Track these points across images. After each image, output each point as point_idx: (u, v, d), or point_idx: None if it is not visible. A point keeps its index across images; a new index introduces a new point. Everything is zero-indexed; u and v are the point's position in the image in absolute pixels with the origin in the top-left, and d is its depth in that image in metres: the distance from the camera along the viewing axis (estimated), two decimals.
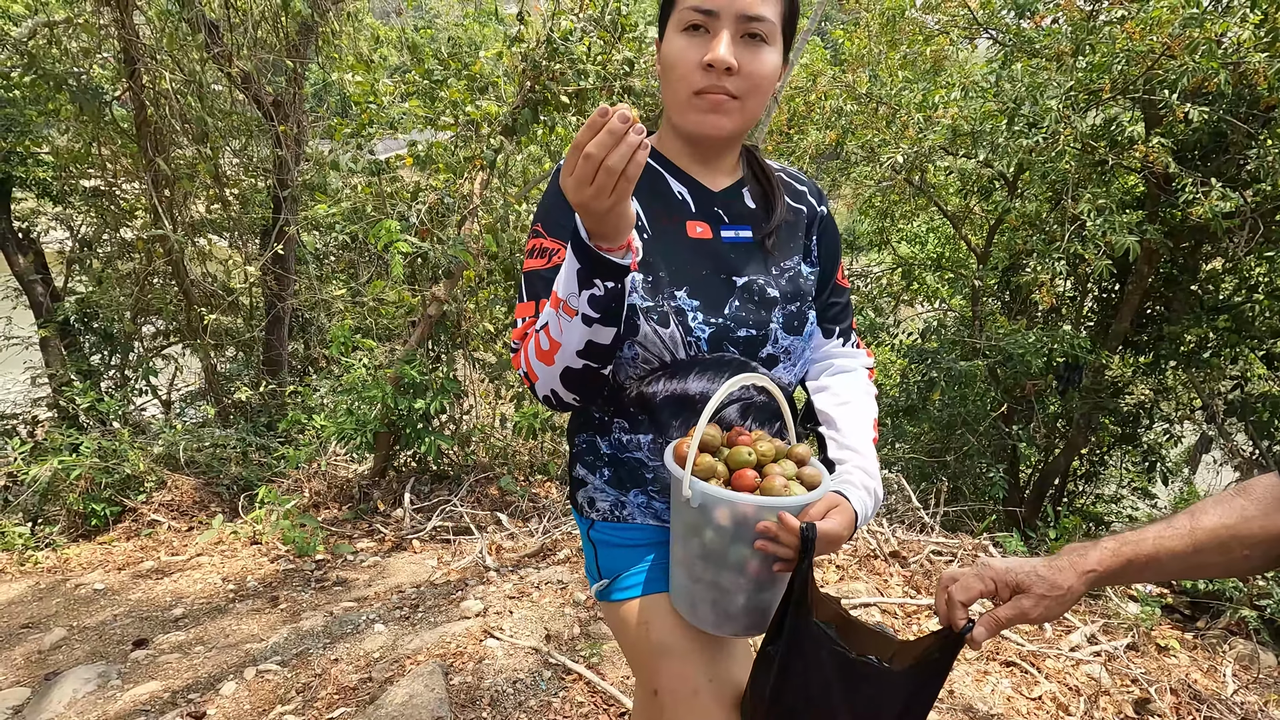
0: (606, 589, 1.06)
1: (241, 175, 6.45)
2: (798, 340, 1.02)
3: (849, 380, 1.08)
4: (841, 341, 1.11)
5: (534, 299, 0.99)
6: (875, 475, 0.98)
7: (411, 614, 2.52)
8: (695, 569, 0.91)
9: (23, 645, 2.74)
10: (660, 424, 1.00)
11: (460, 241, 3.83)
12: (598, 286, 0.83)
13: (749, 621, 0.93)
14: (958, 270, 6.37)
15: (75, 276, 7.02)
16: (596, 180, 0.74)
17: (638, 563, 1.03)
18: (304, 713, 1.96)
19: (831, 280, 1.09)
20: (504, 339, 4.71)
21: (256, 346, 6.60)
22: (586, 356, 0.89)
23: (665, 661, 0.98)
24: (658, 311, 0.95)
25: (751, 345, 0.99)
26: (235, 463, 4.81)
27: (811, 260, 1.07)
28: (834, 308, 1.10)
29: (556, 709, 1.89)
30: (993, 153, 4.60)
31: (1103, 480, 6.67)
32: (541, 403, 0.98)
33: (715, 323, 0.97)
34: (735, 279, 0.99)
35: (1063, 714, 2.02)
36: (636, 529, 1.04)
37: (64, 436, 4.55)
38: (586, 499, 1.08)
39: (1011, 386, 5.52)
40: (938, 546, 3.01)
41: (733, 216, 1.03)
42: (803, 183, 1.11)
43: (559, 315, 0.87)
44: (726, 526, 0.86)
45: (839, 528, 0.86)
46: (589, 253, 0.81)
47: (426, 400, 3.88)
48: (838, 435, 1.03)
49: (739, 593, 0.90)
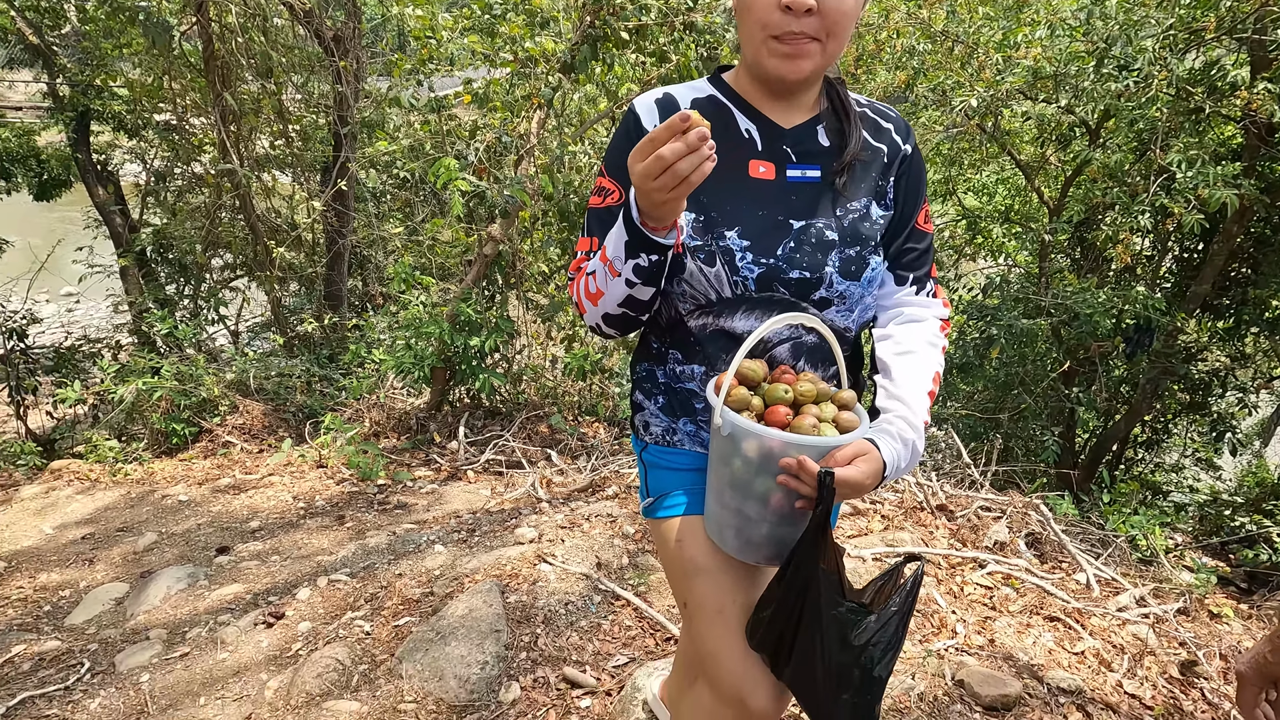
0: (652, 506, 1.12)
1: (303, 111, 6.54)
2: (854, 286, 1.01)
3: (914, 330, 1.06)
4: (915, 290, 1.08)
5: (590, 235, 1.06)
6: (918, 429, 0.97)
7: (468, 537, 2.66)
8: (724, 496, 0.96)
9: (120, 546, 3.01)
10: (709, 357, 1.03)
11: (517, 181, 3.84)
12: (642, 258, 0.90)
13: (771, 552, 0.97)
14: (1026, 224, 6.08)
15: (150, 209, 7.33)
16: (662, 179, 0.79)
17: (682, 485, 1.09)
18: (372, 619, 2.11)
19: (910, 224, 1.06)
20: (557, 281, 4.76)
21: (318, 282, 6.82)
22: (626, 307, 0.98)
23: (696, 579, 1.04)
24: (705, 251, 0.97)
25: (804, 287, 0.99)
26: (300, 391, 5.05)
27: (886, 202, 1.04)
28: (910, 253, 1.07)
29: (605, 630, 1.99)
30: (1076, 97, 4.32)
31: (1165, 449, 6.42)
32: (590, 331, 1.05)
33: (765, 263, 0.97)
34: (793, 221, 0.99)
35: (1105, 669, 2.03)
36: (684, 454, 1.09)
37: (145, 360, 4.85)
38: (642, 423, 1.13)
39: (1075, 347, 5.32)
40: (986, 503, 2.99)
41: (801, 155, 1.01)
42: (888, 118, 1.07)
43: (605, 271, 0.95)
44: (753, 458, 0.89)
45: (861, 476, 0.87)
46: (635, 230, 0.87)
47: (482, 338, 3.98)
48: (889, 384, 1.03)
49: (761, 523, 0.94)
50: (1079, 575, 2.61)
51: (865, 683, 0.91)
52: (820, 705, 0.94)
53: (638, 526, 2.56)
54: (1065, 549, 2.77)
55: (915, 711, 1.72)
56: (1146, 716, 1.83)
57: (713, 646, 1.00)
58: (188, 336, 5.23)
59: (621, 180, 1.01)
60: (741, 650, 0.98)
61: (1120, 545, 3.17)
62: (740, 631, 0.99)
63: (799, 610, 0.90)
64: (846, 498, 0.88)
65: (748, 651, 0.98)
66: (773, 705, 0.97)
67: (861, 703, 0.93)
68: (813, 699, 0.94)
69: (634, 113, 1.02)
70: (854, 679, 0.91)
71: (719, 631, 0.99)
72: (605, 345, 4.72)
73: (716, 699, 1.01)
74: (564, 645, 1.92)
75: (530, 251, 4.51)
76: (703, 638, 1.01)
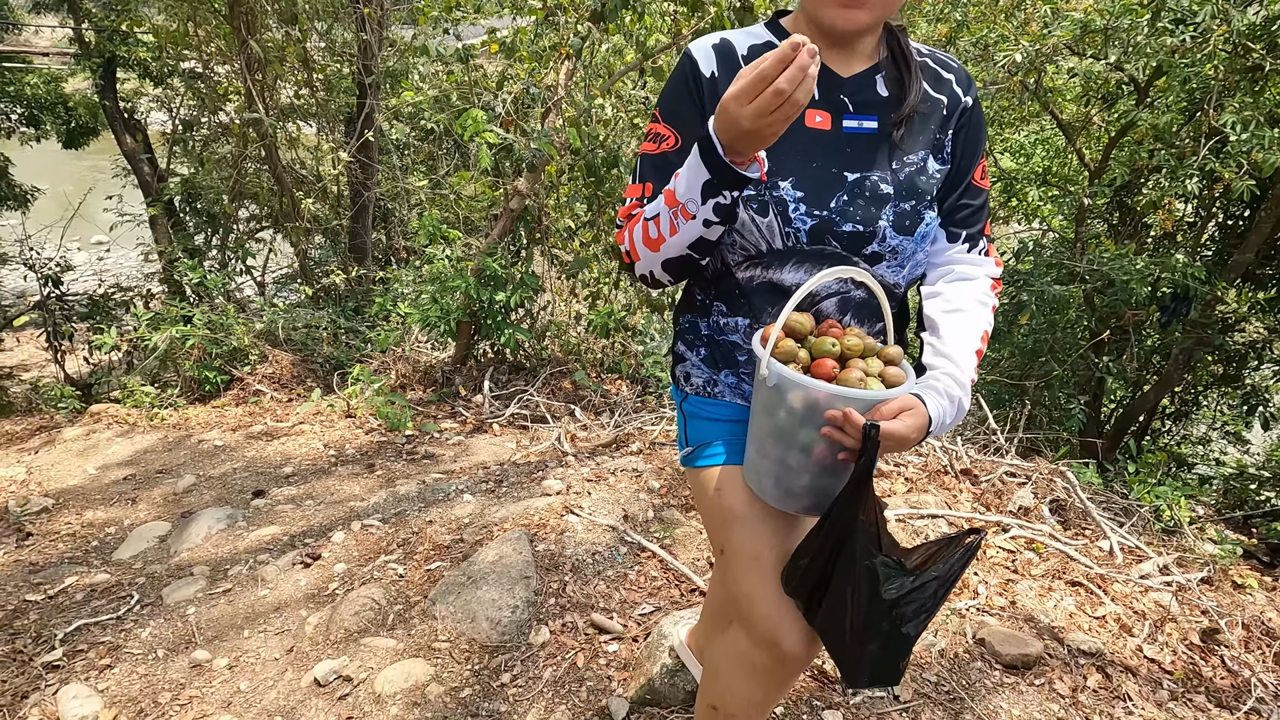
0: (692, 455, 1.13)
1: (327, 60, 6.47)
2: (907, 241, 0.99)
3: (965, 288, 1.05)
4: (968, 247, 1.06)
5: (643, 181, 1.04)
6: (965, 386, 0.97)
7: (496, 488, 2.71)
8: (765, 446, 0.97)
9: (160, 487, 3.11)
10: (755, 310, 1.03)
11: (544, 135, 3.79)
12: (724, 196, 0.88)
13: (810, 502, 0.98)
14: (1064, 186, 5.89)
15: (177, 158, 7.36)
16: (780, 111, 0.77)
17: (721, 436, 1.10)
18: (405, 563, 2.18)
19: (966, 180, 1.03)
20: (581, 237, 4.73)
21: (342, 235, 6.85)
22: (693, 250, 0.96)
23: (734, 526, 1.05)
24: (758, 200, 0.96)
25: (856, 241, 0.98)
26: (327, 343, 5.13)
27: (943, 156, 1.02)
28: (964, 210, 1.05)
29: (632, 580, 2.03)
30: (1126, 53, 4.13)
31: (1192, 421, 6.33)
32: (637, 279, 1.04)
33: (818, 215, 0.96)
34: (847, 173, 0.97)
35: (1125, 634, 2.04)
36: (724, 406, 1.10)
37: (177, 308, 4.93)
38: (683, 373, 1.14)
39: (1108, 315, 5.20)
40: (1011, 469, 2.98)
41: (858, 105, 0.99)
42: (950, 69, 1.03)
43: (674, 215, 0.93)
44: (798, 409, 0.89)
45: (906, 430, 0.87)
46: (723, 168, 0.85)
47: (507, 294, 3.99)
48: (937, 341, 1.02)
49: (803, 473, 0.95)
50: (1102, 542, 2.61)
51: (892, 637, 0.92)
52: (846, 653, 0.96)
53: (663, 482, 2.59)
54: (1089, 516, 2.77)
55: (936, 667, 1.76)
56: (1166, 680, 1.85)
57: (748, 591, 1.02)
58: (217, 286, 5.30)
59: (678, 125, 1.00)
60: (776, 595, 1.00)
61: (1144, 515, 3.16)
62: (775, 578, 1.01)
63: (834, 558, 0.92)
64: (890, 451, 0.88)
65: (782, 596, 1.00)
66: (804, 649, 1.00)
67: (886, 656, 0.94)
68: (840, 646, 0.96)
69: (690, 58, 1.00)
70: (882, 632, 0.92)
71: (755, 577, 1.01)
72: (629, 303, 4.71)
73: (750, 641, 1.03)
74: (591, 593, 1.98)
75: (556, 207, 4.48)
76: (738, 582, 1.03)
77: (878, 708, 1.62)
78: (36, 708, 1.67)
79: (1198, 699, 1.81)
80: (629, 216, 1.03)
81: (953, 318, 1.02)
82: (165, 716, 1.65)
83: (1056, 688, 1.74)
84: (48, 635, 1.96)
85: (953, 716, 1.62)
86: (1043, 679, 1.76)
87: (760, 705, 1.09)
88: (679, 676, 1.62)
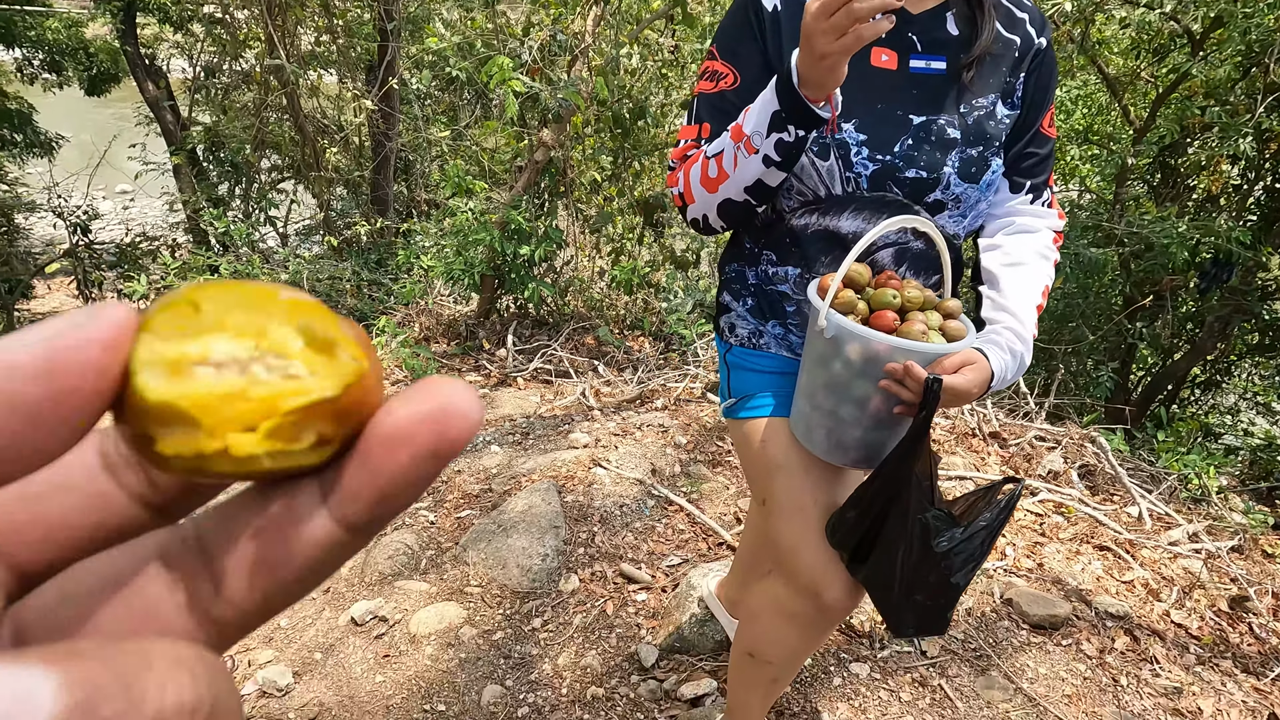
0: (734, 406, 1.12)
1: (348, 4, 6.33)
2: (972, 189, 0.96)
3: (1026, 241, 1.01)
4: (1031, 198, 1.02)
5: (699, 122, 1.00)
6: (1027, 341, 0.95)
7: (523, 440, 2.74)
8: (817, 397, 0.95)
9: None
10: (808, 259, 1.00)
11: (571, 84, 3.70)
12: (789, 133, 0.85)
13: (860, 455, 0.97)
14: (1106, 144, 5.67)
15: (199, 106, 7.31)
16: (853, 31, 0.74)
17: (766, 388, 1.08)
18: (436, 510, 2.22)
19: (1035, 127, 0.99)
20: (606, 191, 4.65)
21: (364, 186, 6.80)
22: (751, 193, 0.92)
23: (778, 477, 1.04)
24: (818, 143, 0.92)
25: (919, 188, 0.94)
26: (350, 295, 5.15)
27: (1013, 101, 0.97)
28: (1031, 158, 1.00)
29: (659, 533, 2.05)
30: (1182, 2, 3.91)
31: (1223, 391, 6.21)
32: (688, 224, 1.02)
33: (881, 160, 0.92)
34: (913, 116, 0.93)
35: (1153, 599, 2.04)
36: (769, 357, 1.08)
37: (203, 258, 4.96)
38: (728, 324, 1.12)
39: (1143, 280, 5.07)
40: (1041, 433, 2.95)
41: (927, 44, 0.94)
42: (1023, 8, 0.98)
43: (738, 149, 0.89)
44: (855, 361, 0.87)
45: (968, 384, 0.85)
46: (794, 98, 0.82)
47: (531, 247, 3.95)
48: (996, 295, 0.99)
49: (855, 426, 0.93)
50: (1131, 508, 2.58)
51: (941, 588, 0.93)
52: (892, 603, 0.96)
53: (689, 437, 2.59)
54: (1119, 482, 2.74)
55: (963, 625, 1.77)
56: (1193, 645, 1.85)
57: (792, 541, 1.02)
58: (242, 235, 5.32)
59: (737, 63, 0.96)
60: (820, 545, 1.00)
61: (1171, 483, 3.12)
62: (819, 528, 1.00)
63: (886, 511, 0.91)
64: (950, 405, 0.87)
65: (826, 547, 0.99)
66: (846, 599, 1.00)
67: (934, 605, 0.95)
68: (886, 597, 0.96)
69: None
70: (929, 583, 0.92)
71: (799, 528, 1.01)
72: (653, 259, 4.66)
73: (791, 590, 1.04)
74: (619, 544, 2.00)
75: (581, 159, 4.40)
76: (781, 533, 1.03)
77: (905, 662, 1.64)
78: None
79: (1224, 664, 1.81)
80: (683, 158, 1.00)
81: (1013, 271, 0.99)
82: None
83: (1084, 648, 1.74)
84: None
85: (979, 672, 1.63)
86: (1070, 639, 1.76)
87: (797, 653, 1.10)
88: (708, 626, 1.65)
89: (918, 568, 0.90)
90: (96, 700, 0.11)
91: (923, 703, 1.53)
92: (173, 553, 0.16)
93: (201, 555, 0.16)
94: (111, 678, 0.11)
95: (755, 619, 1.15)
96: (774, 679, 1.17)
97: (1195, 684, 1.70)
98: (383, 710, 1.53)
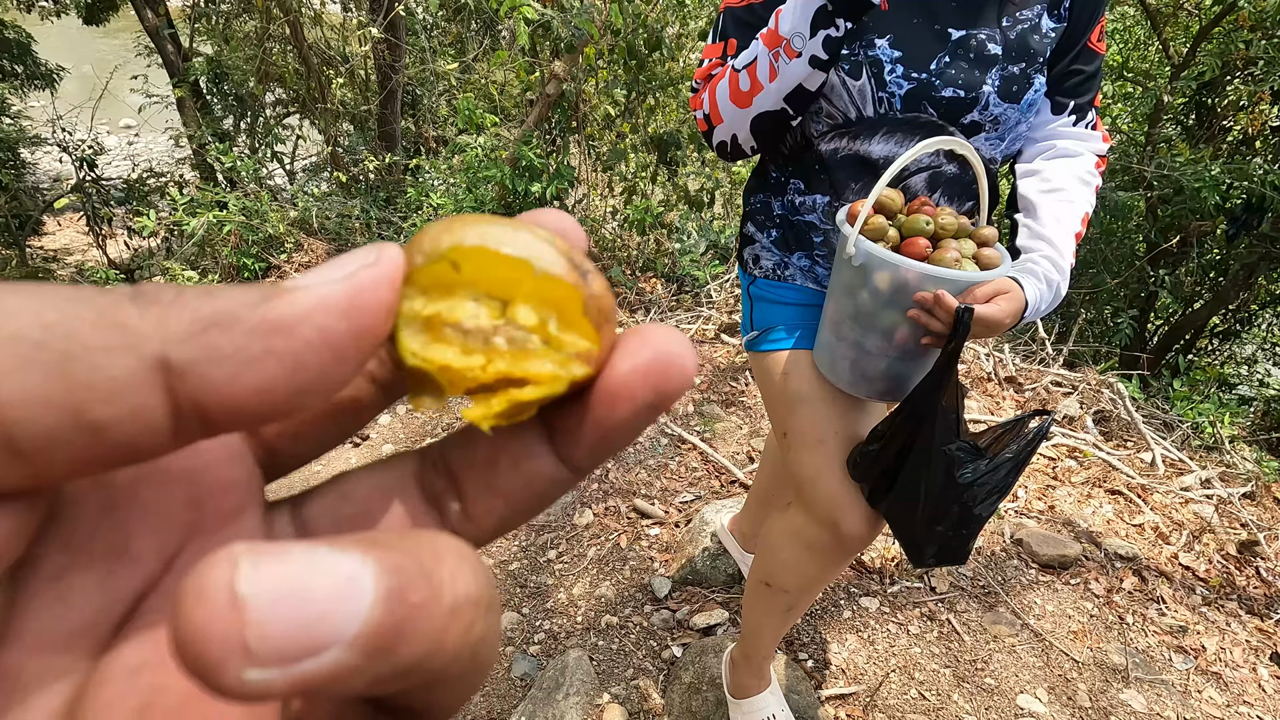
0: (757, 339, 1.10)
1: None
2: (1012, 109, 0.90)
3: (1066, 166, 0.96)
4: (1074, 120, 0.96)
5: (724, 39, 0.96)
6: (1064, 271, 0.91)
7: None
8: (843, 328, 0.92)
9: None
10: (837, 185, 0.96)
11: (584, 11, 3.54)
12: (837, 27, 0.80)
13: (884, 387, 0.95)
14: (1143, 82, 5.43)
15: (200, 36, 7.09)
16: None
17: (789, 320, 1.06)
18: None
19: (1082, 42, 0.92)
20: (618, 127, 4.52)
21: (371, 121, 6.65)
22: (789, 101, 0.87)
23: (799, 408, 1.03)
24: (850, 60, 0.87)
25: (955, 108, 0.89)
26: (360, 233, 5.09)
27: (1060, 13, 0.90)
28: (1075, 76, 0.94)
29: (672, 470, 2.07)
30: None
31: (1242, 341, 6.12)
32: (714, 148, 0.98)
33: (917, 78, 0.87)
34: (951, 30, 0.87)
35: (1162, 542, 2.05)
36: (794, 289, 1.06)
37: (211, 193, 4.91)
38: (752, 256, 1.09)
39: (1170, 226, 4.93)
40: (1058, 378, 2.92)
41: None
42: None
43: (775, 56, 0.84)
44: (883, 290, 0.84)
45: (1001, 315, 0.82)
46: None
47: (543, 185, 3.87)
48: (1033, 223, 0.95)
49: (881, 357, 0.91)
50: (1145, 454, 2.58)
51: (963, 519, 0.93)
52: (914, 534, 0.96)
53: (703, 378, 2.59)
54: (1133, 428, 2.72)
55: (973, 563, 1.79)
56: (1200, 587, 1.87)
57: (811, 473, 1.01)
58: (248, 171, 5.24)
59: None
60: (840, 476, 0.99)
61: (1184, 430, 3.11)
62: (840, 460, 1.00)
63: (910, 443, 0.90)
64: (982, 336, 0.84)
65: (846, 478, 0.99)
66: (865, 530, 1.00)
67: (956, 535, 0.95)
68: (908, 528, 0.96)
69: None
70: (952, 514, 0.92)
71: (820, 460, 1.01)
72: (667, 198, 4.57)
73: (811, 520, 1.04)
74: (633, 480, 2.02)
75: (594, 93, 4.26)
76: (802, 464, 1.03)
77: (914, 597, 1.66)
78: None
79: (1230, 605, 1.83)
80: (706, 78, 0.95)
81: (1051, 198, 0.95)
82: None
83: (1091, 587, 1.76)
84: None
85: (987, 608, 1.66)
86: (1078, 579, 1.78)
87: (814, 582, 1.11)
88: (720, 560, 1.67)
89: (940, 499, 0.90)
90: (406, 588, 0.11)
91: (930, 635, 1.57)
92: (426, 472, 0.18)
93: (449, 477, 0.18)
94: (415, 566, 0.12)
95: (774, 549, 1.16)
96: (789, 607, 1.19)
97: (1200, 623, 1.72)
98: None
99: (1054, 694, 1.47)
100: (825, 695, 1.41)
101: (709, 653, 1.44)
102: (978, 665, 1.50)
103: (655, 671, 1.48)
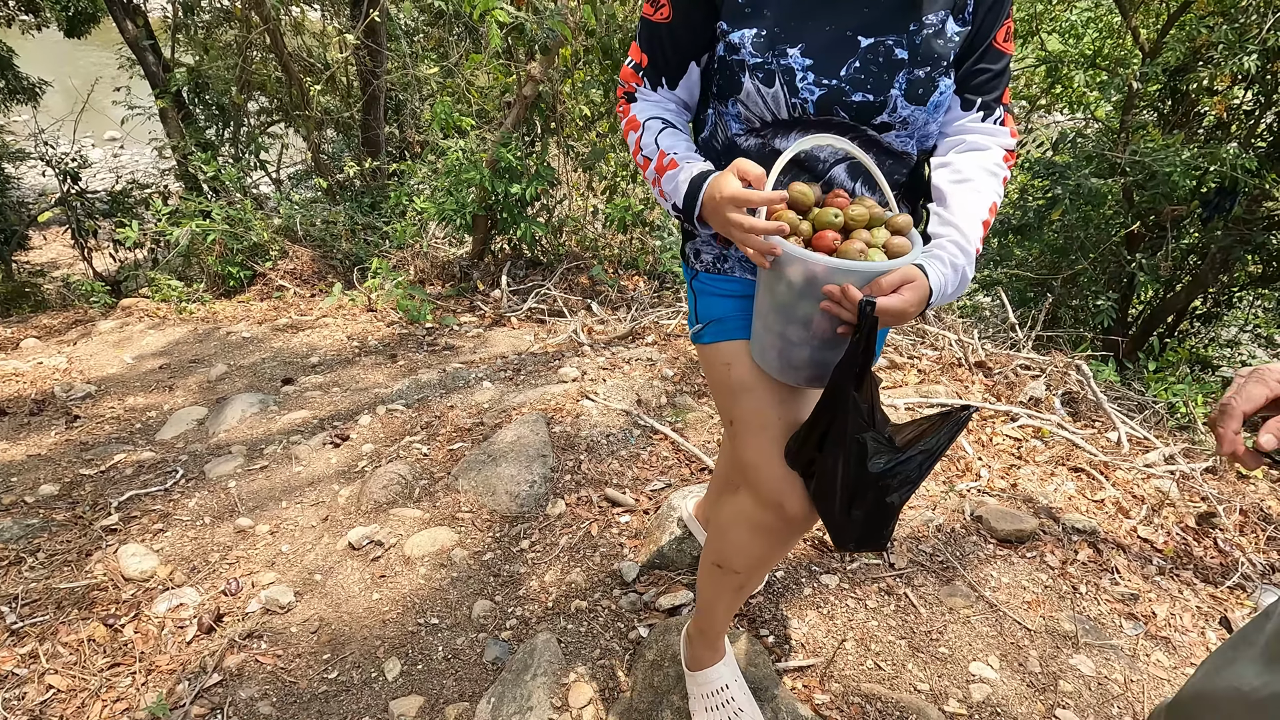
0: (701, 332, 1.15)
1: None
2: (919, 111, 0.95)
3: (975, 159, 1.01)
4: (982, 116, 1.00)
5: (642, 48, 1.05)
6: (969, 255, 0.95)
7: (514, 376, 2.79)
8: (768, 319, 0.97)
9: (194, 376, 3.25)
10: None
11: (557, 13, 3.59)
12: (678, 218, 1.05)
13: (810, 374, 0.99)
14: (1115, 70, 5.50)
15: (180, 47, 7.12)
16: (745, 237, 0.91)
17: (730, 311, 1.11)
18: (429, 443, 2.29)
19: (987, 42, 0.96)
20: (598, 127, 4.57)
21: (354, 127, 6.69)
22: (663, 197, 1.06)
23: (742, 397, 1.08)
24: (764, 70, 0.92)
25: (865, 111, 0.94)
26: (345, 239, 5.13)
27: (964, 16, 0.94)
28: (982, 74, 0.98)
29: (644, 460, 2.12)
30: None
31: (1224, 323, 6.19)
32: None
33: (827, 85, 0.92)
34: (861, 38, 0.92)
35: (1122, 516, 2.11)
36: (734, 281, 1.11)
37: (195, 203, 4.94)
38: (693, 250, 1.14)
39: (1146, 211, 4.99)
40: (1026, 362, 2.98)
41: None
42: None
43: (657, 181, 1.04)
44: (796, 283, 0.89)
45: (904, 304, 0.86)
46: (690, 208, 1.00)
47: (522, 186, 3.92)
48: (943, 211, 0.99)
49: (803, 346, 0.96)
50: (1111, 433, 2.64)
51: (878, 505, 0.97)
52: (834, 517, 1.01)
53: (676, 370, 2.64)
54: (1101, 408, 2.78)
55: (932, 540, 1.84)
56: (1156, 558, 1.93)
57: (754, 458, 1.06)
58: (233, 180, 5.27)
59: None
60: (781, 462, 1.04)
61: (1158, 410, 3.17)
62: (781, 446, 1.05)
63: (828, 430, 0.95)
64: (889, 325, 0.89)
65: (786, 462, 1.04)
66: (808, 510, 1.05)
67: (872, 522, 0.99)
68: (829, 510, 1.01)
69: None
70: (868, 499, 0.97)
71: (763, 445, 1.05)
72: (647, 196, 4.61)
73: (757, 503, 1.09)
74: (605, 471, 2.07)
75: (571, 94, 4.30)
76: (746, 450, 1.08)
77: (873, 573, 1.72)
78: (100, 563, 1.84)
79: (1184, 574, 1.89)
80: (628, 96, 1.07)
81: (960, 188, 0.99)
82: (215, 572, 1.81)
83: (1047, 560, 1.82)
84: (104, 503, 2.12)
85: (944, 582, 1.71)
86: (1034, 552, 1.84)
87: (763, 561, 1.16)
88: (686, 544, 1.72)
89: (856, 485, 0.94)
90: None
91: (887, 609, 1.62)
92: None
93: None
94: None
95: (723, 532, 1.21)
96: (740, 586, 1.24)
97: (1152, 591, 1.78)
98: (379, 623, 1.63)
99: (1005, 661, 1.53)
100: (783, 668, 1.46)
101: (672, 631, 1.50)
102: (932, 636, 1.56)
103: (622, 651, 1.53)
